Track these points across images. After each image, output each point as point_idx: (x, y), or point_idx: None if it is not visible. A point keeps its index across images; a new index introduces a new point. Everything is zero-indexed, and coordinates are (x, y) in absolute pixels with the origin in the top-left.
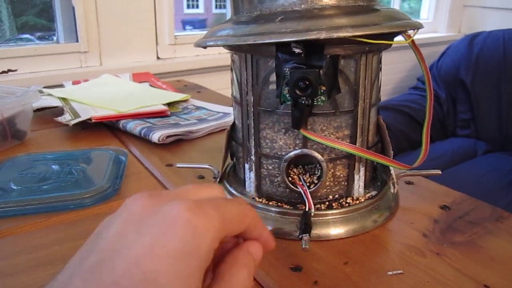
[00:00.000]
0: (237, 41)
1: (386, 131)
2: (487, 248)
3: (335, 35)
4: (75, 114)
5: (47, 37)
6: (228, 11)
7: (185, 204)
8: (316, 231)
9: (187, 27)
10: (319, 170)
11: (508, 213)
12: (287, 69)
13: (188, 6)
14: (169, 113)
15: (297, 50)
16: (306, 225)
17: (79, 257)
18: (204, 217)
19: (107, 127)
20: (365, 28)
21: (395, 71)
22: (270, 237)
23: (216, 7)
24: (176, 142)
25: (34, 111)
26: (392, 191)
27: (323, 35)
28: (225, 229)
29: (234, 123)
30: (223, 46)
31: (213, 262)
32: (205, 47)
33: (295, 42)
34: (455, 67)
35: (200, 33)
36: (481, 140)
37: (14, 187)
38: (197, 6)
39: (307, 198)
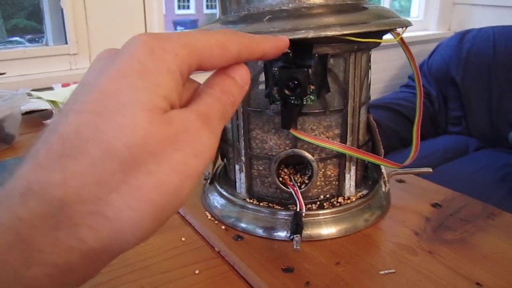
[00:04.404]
0: None
1: (377, 130)
2: (478, 245)
3: (323, 34)
4: None
5: (37, 39)
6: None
7: (145, 33)
8: (308, 231)
9: (179, 27)
10: (310, 170)
11: (499, 210)
12: (276, 69)
13: (179, 7)
14: None
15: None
16: (297, 225)
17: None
18: (164, 40)
19: None
20: (353, 27)
21: (386, 69)
22: (277, 40)
23: (207, 8)
24: None
25: (23, 114)
26: (383, 189)
27: (311, 34)
28: (194, 55)
29: None
30: None
31: None
32: None
33: None
34: (445, 65)
35: None
36: (473, 136)
37: None
38: (188, 7)
39: (298, 198)
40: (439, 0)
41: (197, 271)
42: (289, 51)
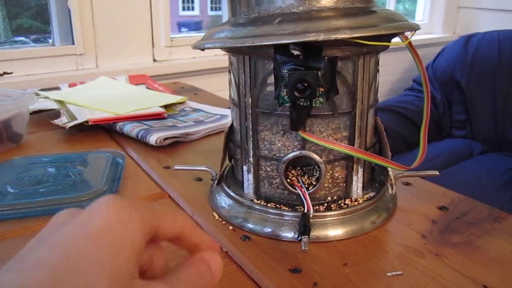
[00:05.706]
0: (235, 43)
1: (384, 133)
2: (485, 248)
3: (333, 37)
4: (72, 117)
5: (42, 39)
6: (223, 13)
7: (111, 195)
8: (315, 233)
9: (183, 29)
10: (318, 172)
11: (506, 213)
12: (286, 71)
13: (183, 8)
14: (166, 115)
15: (295, 52)
16: (305, 226)
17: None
18: (129, 204)
19: (104, 130)
20: (363, 30)
21: (390, 72)
22: (212, 240)
23: (211, 9)
24: (174, 144)
25: (31, 113)
26: (390, 192)
27: (321, 37)
28: (153, 223)
29: (232, 125)
30: (221, 48)
31: None
32: (203, 49)
33: (294, 44)
34: (450, 68)
35: (196, 35)
36: (477, 140)
37: (11, 190)
38: (193, 8)
39: (305, 199)
40: (444, 4)
41: None
42: (299, 53)
